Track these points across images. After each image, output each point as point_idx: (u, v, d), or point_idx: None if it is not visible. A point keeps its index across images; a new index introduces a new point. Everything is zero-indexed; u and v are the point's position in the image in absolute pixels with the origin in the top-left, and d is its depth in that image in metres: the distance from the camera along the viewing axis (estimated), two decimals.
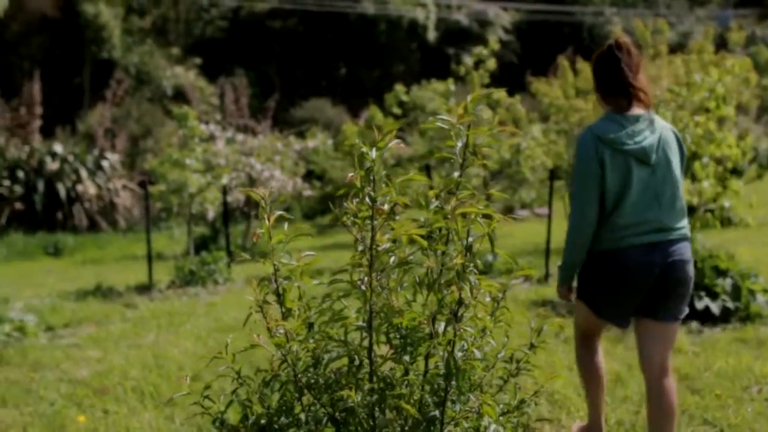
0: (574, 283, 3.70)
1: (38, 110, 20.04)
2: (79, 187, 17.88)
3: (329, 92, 34.40)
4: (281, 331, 2.40)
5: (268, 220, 2.55)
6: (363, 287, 2.25)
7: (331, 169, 17.99)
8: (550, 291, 8.10)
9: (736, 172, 15.11)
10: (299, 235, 2.83)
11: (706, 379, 4.76)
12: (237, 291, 9.05)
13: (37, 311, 7.95)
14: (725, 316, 6.36)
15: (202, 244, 12.35)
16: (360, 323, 2.39)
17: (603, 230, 3.51)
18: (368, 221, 2.21)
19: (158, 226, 18.11)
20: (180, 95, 27.89)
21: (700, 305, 6.39)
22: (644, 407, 3.94)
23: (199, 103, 24.81)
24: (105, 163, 18.86)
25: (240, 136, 14.35)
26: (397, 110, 11.06)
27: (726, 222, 8.22)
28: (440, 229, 2.26)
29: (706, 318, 6.34)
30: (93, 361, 5.93)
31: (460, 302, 2.20)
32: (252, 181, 13.39)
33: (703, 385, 4.62)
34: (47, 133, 21.32)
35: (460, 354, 2.23)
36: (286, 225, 2.72)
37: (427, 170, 8.52)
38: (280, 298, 2.63)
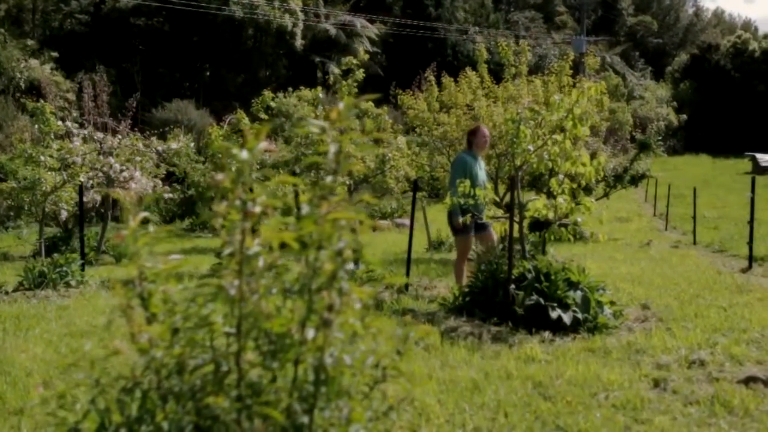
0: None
1: None
2: None
3: (192, 94, 33.67)
4: (145, 336, 2.32)
5: (133, 221, 2.47)
6: (232, 291, 2.21)
7: (193, 172, 17.66)
8: (411, 300, 8.22)
9: (587, 189, 15.90)
10: (165, 237, 2.75)
11: (558, 386, 4.95)
12: (91, 295, 8.66)
13: None
14: (575, 327, 6.65)
15: (53, 246, 11.80)
16: (228, 329, 2.34)
17: None
18: (238, 225, 2.17)
19: (5, 225, 17.21)
20: (34, 89, 26.59)
21: (553, 315, 6.65)
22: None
23: (55, 99, 23.73)
24: None
25: (98, 135, 13.78)
26: (263, 116, 10.95)
27: (578, 237, 8.63)
28: (311, 235, 2.24)
29: (557, 328, 6.60)
30: None
31: (330, 308, 2.19)
32: (110, 182, 12.91)
33: (555, 392, 4.81)
34: None
35: (330, 360, 2.22)
36: (150, 227, 2.65)
37: (293, 176, 8.46)
38: (145, 302, 2.55)
